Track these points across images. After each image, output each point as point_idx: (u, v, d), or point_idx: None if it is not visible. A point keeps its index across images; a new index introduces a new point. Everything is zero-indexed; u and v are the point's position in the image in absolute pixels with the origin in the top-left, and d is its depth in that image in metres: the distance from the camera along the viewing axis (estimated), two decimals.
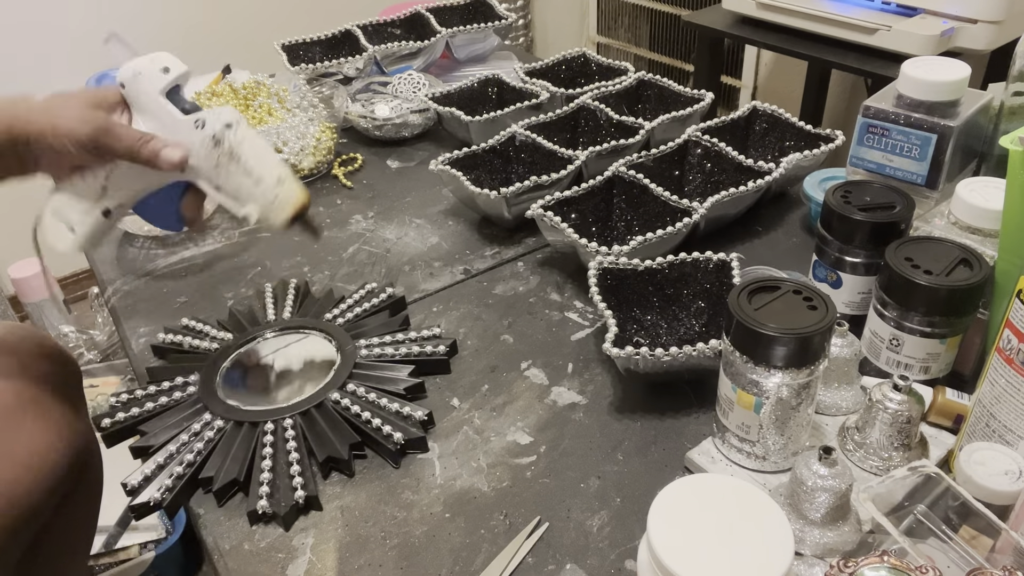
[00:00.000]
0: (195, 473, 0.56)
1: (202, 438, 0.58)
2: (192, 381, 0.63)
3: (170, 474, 0.55)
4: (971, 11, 1.20)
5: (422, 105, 1.01)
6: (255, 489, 0.54)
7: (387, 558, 0.51)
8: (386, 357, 0.65)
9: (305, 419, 0.59)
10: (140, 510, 0.54)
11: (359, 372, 0.63)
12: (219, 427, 0.59)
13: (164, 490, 0.54)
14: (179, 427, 0.59)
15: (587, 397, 0.62)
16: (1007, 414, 0.46)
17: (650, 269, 0.67)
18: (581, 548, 0.51)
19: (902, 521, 0.44)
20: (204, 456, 0.57)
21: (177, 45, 2.25)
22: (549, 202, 0.75)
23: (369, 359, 0.65)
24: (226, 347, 0.66)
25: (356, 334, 0.67)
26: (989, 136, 0.68)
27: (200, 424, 0.59)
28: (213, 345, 0.67)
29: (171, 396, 0.62)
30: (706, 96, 0.93)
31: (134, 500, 0.54)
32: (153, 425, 0.60)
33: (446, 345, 0.66)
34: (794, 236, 0.81)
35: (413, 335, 0.67)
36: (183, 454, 0.57)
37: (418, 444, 0.58)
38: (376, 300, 0.71)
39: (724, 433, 0.53)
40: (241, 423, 0.59)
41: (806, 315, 0.47)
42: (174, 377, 0.63)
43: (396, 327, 0.68)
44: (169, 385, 0.63)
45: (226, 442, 0.58)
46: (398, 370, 0.63)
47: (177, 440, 0.58)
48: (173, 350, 0.68)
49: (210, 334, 0.69)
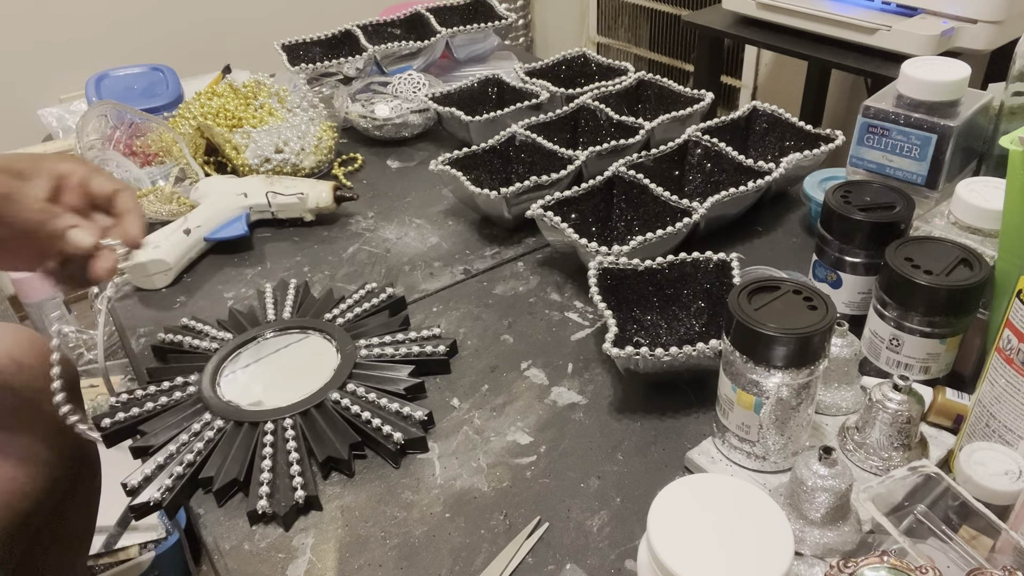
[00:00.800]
0: (195, 473, 0.56)
1: (202, 438, 0.58)
2: (192, 381, 0.63)
3: (170, 474, 0.55)
4: (971, 11, 1.20)
5: (422, 105, 1.01)
6: (255, 489, 0.54)
7: (387, 558, 0.51)
8: (386, 357, 0.65)
9: (305, 419, 0.59)
10: (140, 510, 0.54)
11: (359, 372, 0.63)
12: (219, 427, 0.59)
13: (164, 490, 0.54)
14: (179, 427, 0.59)
15: (587, 397, 0.62)
16: (1007, 414, 0.46)
17: (650, 269, 0.67)
18: (581, 548, 0.51)
19: (902, 521, 0.44)
20: (204, 456, 0.56)
21: (177, 45, 2.26)
22: (549, 202, 0.75)
23: (369, 359, 0.64)
24: (226, 347, 0.66)
25: (356, 334, 0.67)
26: (989, 136, 0.68)
27: (200, 424, 0.59)
28: (213, 345, 0.67)
29: (171, 396, 0.62)
30: (706, 96, 0.93)
31: (134, 500, 0.54)
32: (153, 425, 0.60)
33: (446, 345, 0.65)
34: (794, 236, 0.81)
35: (413, 335, 0.67)
36: (183, 454, 0.56)
37: (418, 444, 0.58)
38: (376, 300, 0.71)
39: (724, 433, 0.53)
40: (241, 423, 0.59)
41: (806, 315, 0.47)
42: (174, 377, 0.63)
43: (396, 327, 0.68)
44: (169, 385, 0.63)
45: (226, 442, 0.57)
46: (398, 370, 0.63)
47: (177, 440, 0.58)
48: (173, 350, 0.68)
49: (210, 334, 0.69)
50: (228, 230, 0.82)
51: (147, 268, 0.77)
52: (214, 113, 0.96)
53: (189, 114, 0.97)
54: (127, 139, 0.93)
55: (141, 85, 1.11)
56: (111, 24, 1.97)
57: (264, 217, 0.87)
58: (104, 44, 1.97)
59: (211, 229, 0.82)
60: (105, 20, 1.96)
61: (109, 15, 1.96)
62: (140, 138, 0.94)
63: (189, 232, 0.80)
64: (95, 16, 1.95)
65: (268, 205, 0.85)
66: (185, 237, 0.80)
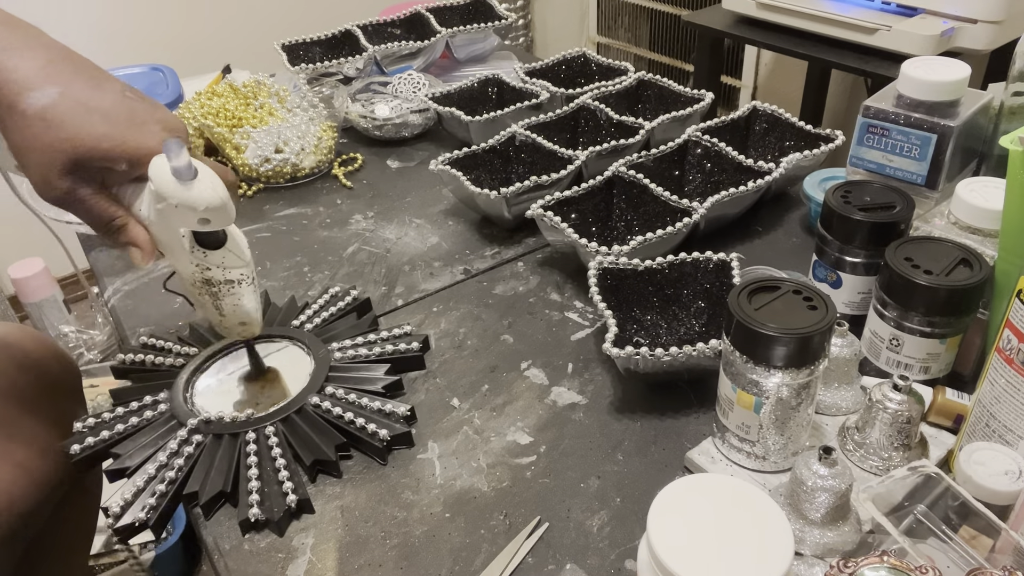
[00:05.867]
0: (178, 490, 0.54)
1: (181, 454, 0.56)
2: (162, 399, 0.61)
3: (152, 492, 0.54)
4: (971, 11, 1.20)
5: (422, 105, 1.01)
6: (244, 499, 0.53)
7: (387, 558, 0.51)
8: (360, 358, 0.64)
9: (286, 425, 0.58)
10: (124, 532, 0.53)
11: (335, 375, 0.62)
12: (198, 441, 0.57)
13: (148, 509, 0.53)
14: (154, 446, 0.57)
15: (587, 397, 0.62)
16: (1007, 414, 0.46)
17: (650, 269, 0.67)
18: (581, 548, 0.51)
19: (902, 521, 0.44)
20: (186, 472, 0.55)
21: (178, 45, 2.26)
22: (549, 202, 0.75)
23: (343, 361, 0.64)
24: (194, 361, 0.65)
25: (327, 338, 0.66)
26: (989, 136, 0.68)
27: (177, 441, 0.57)
28: (178, 361, 0.65)
29: (141, 416, 0.59)
30: (706, 96, 0.93)
31: (117, 524, 0.53)
32: (126, 447, 0.57)
33: (419, 341, 0.65)
34: (794, 236, 0.81)
35: (384, 334, 0.67)
36: (163, 472, 0.55)
37: (403, 439, 0.58)
38: (342, 303, 0.70)
39: (724, 433, 0.53)
40: (220, 435, 0.57)
41: (806, 315, 0.47)
42: (142, 396, 0.61)
43: (366, 328, 0.68)
44: (138, 405, 0.60)
45: (207, 455, 0.56)
46: (374, 370, 0.63)
47: (155, 460, 0.56)
48: (135, 370, 0.66)
49: (173, 350, 0.67)
50: None
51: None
52: (214, 113, 0.96)
53: (189, 114, 0.97)
54: None
55: (141, 85, 1.11)
56: (111, 24, 1.97)
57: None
58: (104, 44, 1.97)
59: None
60: (105, 20, 1.96)
61: (109, 15, 1.96)
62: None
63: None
64: (95, 16, 1.95)
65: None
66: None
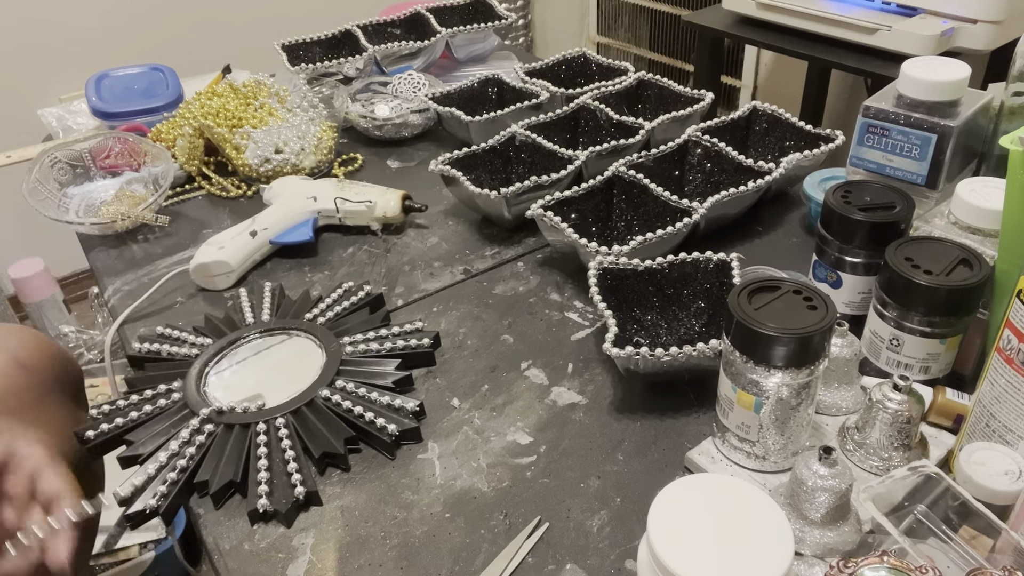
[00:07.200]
0: (189, 478, 0.55)
1: (193, 443, 0.57)
2: (175, 388, 0.62)
3: (164, 480, 0.54)
4: (971, 11, 1.20)
5: (422, 105, 1.01)
6: (253, 489, 0.54)
7: (387, 558, 0.51)
8: (371, 353, 0.65)
9: (297, 417, 0.59)
10: (136, 518, 0.53)
11: (346, 369, 0.63)
12: (209, 431, 0.58)
13: (159, 496, 0.53)
14: (167, 434, 0.58)
15: (587, 397, 0.62)
16: (1007, 414, 0.46)
17: (650, 269, 0.67)
18: (581, 548, 0.51)
19: (902, 521, 0.44)
20: (198, 460, 0.56)
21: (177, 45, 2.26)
22: (549, 202, 0.75)
23: (355, 355, 0.64)
24: (208, 351, 0.65)
25: (339, 332, 0.67)
26: (989, 136, 0.68)
27: (189, 430, 0.58)
28: (193, 351, 0.66)
29: (155, 404, 0.60)
30: (706, 96, 0.93)
31: (128, 509, 0.53)
32: (139, 434, 0.58)
33: (430, 338, 0.66)
34: (794, 236, 0.81)
35: (396, 330, 0.67)
36: (175, 460, 0.56)
37: (412, 434, 0.58)
38: (354, 299, 0.71)
39: (724, 433, 0.53)
40: (232, 425, 0.58)
41: (806, 315, 0.47)
42: (156, 385, 0.62)
43: (378, 323, 0.68)
44: (152, 393, 0.61)
45: (218, 445, 0.57)
46: (385, 364, 0.63)
47: (167, 448, 0.56)
48: (150, 359, 0.66)
49: (188, 340, 0.67)
50: (294, 234, 0.81)
51: (210, 269, 0.76)
52: (214, 113, 0.96)
53: (189, 114, 0.97)
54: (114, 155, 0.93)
55: (141, 85, 1.11)
56: (111, 24, 1.97)
57: (331, 223, 0.85)
58: (104, 44, 1.97)
59: (277, 232, 0.81)
60: (105, 20, 1.96)
61: (109, 15, 1.96)
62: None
63: (255, 234, 0.79)
64: (95, 16, 1.95)
65: (336, 211, 0.84)
66: (250, 239, 0.79)
